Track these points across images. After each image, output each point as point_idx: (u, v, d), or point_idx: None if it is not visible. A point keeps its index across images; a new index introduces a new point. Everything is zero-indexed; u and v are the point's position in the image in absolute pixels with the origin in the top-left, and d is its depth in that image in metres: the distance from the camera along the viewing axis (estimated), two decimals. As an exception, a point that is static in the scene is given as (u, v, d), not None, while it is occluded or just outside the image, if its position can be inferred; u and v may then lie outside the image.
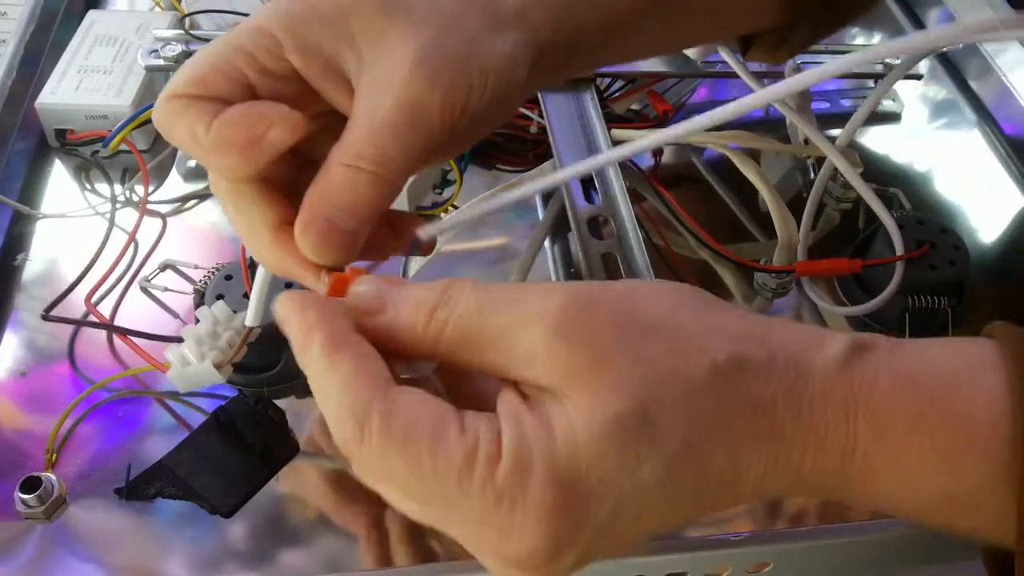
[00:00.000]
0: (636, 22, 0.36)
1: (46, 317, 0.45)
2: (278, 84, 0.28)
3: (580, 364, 0.24)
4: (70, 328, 0.45)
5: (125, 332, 0.44)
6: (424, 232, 0.30)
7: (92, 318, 0.45)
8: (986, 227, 0.55)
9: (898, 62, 0.59)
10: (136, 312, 0.47)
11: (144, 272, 0.48)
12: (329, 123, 0.30)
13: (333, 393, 0.24)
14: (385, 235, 0.30)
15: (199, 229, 0.52)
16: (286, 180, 0.30)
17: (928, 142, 0.61)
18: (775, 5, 0.39)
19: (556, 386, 0.24)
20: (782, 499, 0.40)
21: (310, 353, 0.25)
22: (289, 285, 0.41)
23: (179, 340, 0.44)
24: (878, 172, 0.54)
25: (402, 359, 0.27)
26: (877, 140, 0.60)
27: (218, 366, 0.38)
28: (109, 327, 0.45)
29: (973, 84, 0.64)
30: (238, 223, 0.29)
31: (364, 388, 0.24)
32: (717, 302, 0.26)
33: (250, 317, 0.34)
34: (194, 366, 0.38)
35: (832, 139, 0.49)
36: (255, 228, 0.28)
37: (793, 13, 0.39)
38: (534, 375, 0.25)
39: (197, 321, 0.40)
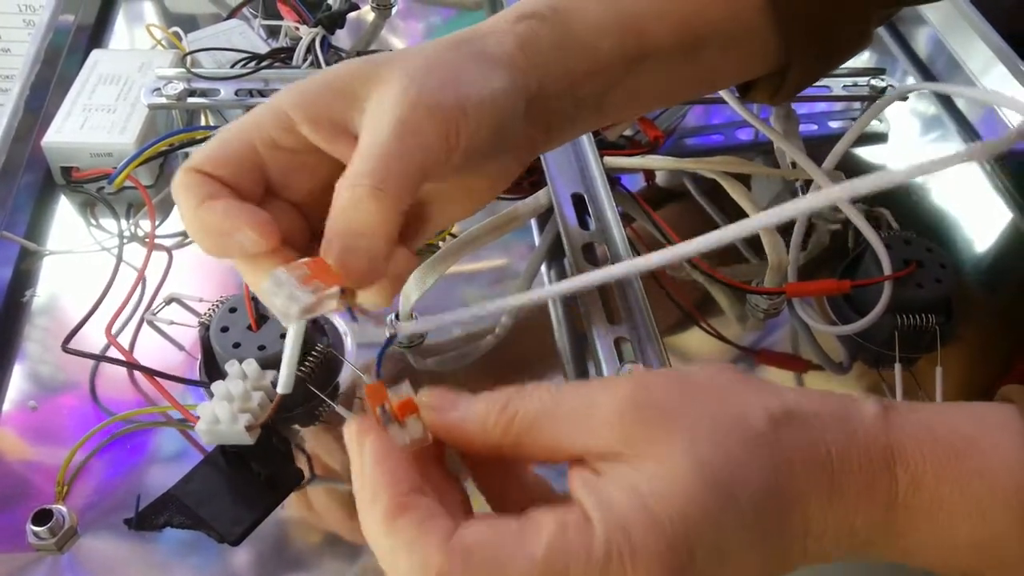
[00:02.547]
0: (628, 74, 0.37)
1: (66, 349, 0.46)
2: (284, 156, 0.32)
3: (652, 421, 0.26)
4: (79, 363, 0.46)
5: (149, 372, 0.45)
6: (401, 329, 0.31)
7: (113, 349, 0.46)
8: (974, 243, 0.56)
9: (883, 84, 0.61)
10: (144, 346, 0.47)
11: (151, 306, 0.49)
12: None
13: (400, 555, 0.25)
14: None
15: (203, 261, 0.52)
16: (299, 247, 0.33)
17: (915, 161, 0.61)
18: (769, 50, 0.40)
19: (630, 446, 0.26)
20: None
21: (372, 515, 0.26)
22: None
23: (199, 383, 0.45)
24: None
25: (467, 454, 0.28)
26: (865, 160, 0.61)
27: (248, 428, 0.39)
28: (130, 364, 0.46)
29: (958, 102, 0.65)
30: (251, 278, 0.32)
31: (432, 545, 0.24)
32: (758, 378, 0.28)
33: (282, 385, 0.35)
34: (225, 425, 0.38)
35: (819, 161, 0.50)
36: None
37: (787, 56, 0.40)
38: (606, 441, 0.26)
39: (225, 374, 0.40)
